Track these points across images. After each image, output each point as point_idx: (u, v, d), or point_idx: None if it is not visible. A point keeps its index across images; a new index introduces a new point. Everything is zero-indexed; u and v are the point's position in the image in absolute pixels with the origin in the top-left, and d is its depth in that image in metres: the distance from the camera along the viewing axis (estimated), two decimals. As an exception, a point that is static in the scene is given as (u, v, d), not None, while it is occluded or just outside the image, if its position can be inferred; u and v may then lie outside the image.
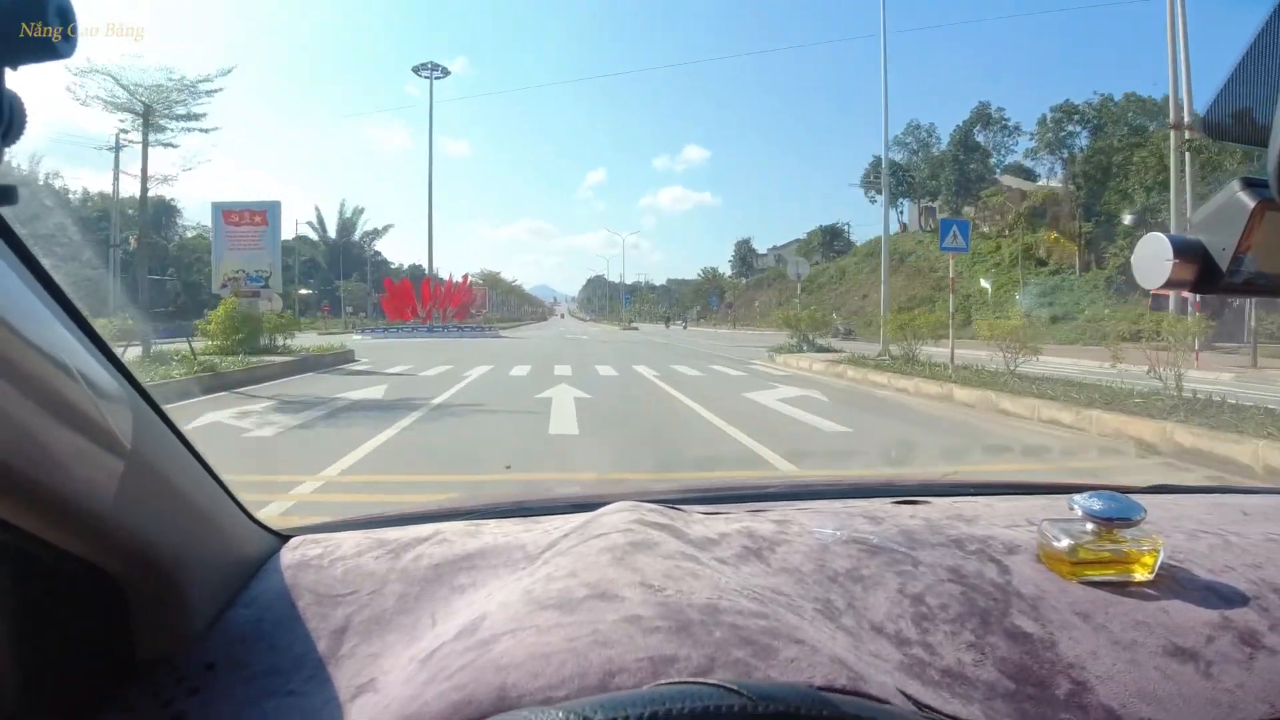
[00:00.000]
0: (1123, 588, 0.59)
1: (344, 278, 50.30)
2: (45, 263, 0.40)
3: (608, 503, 0.74)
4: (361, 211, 59.15)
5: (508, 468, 4.11)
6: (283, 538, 0.68)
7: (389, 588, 0.60)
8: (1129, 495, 0.66)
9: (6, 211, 0.35)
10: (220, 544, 0.58)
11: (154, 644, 0.51)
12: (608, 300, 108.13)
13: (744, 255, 67.53)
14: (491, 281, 58.69)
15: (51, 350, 0.36)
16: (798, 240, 59.72)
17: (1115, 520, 0.61)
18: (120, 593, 0.48)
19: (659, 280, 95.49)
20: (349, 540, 0.68)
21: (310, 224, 60.93)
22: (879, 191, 32.58)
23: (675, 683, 0.40)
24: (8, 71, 0.31)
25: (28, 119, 0.33)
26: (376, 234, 59.88)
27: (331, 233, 56.10)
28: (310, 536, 0.69)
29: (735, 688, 0.38)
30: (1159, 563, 0.60)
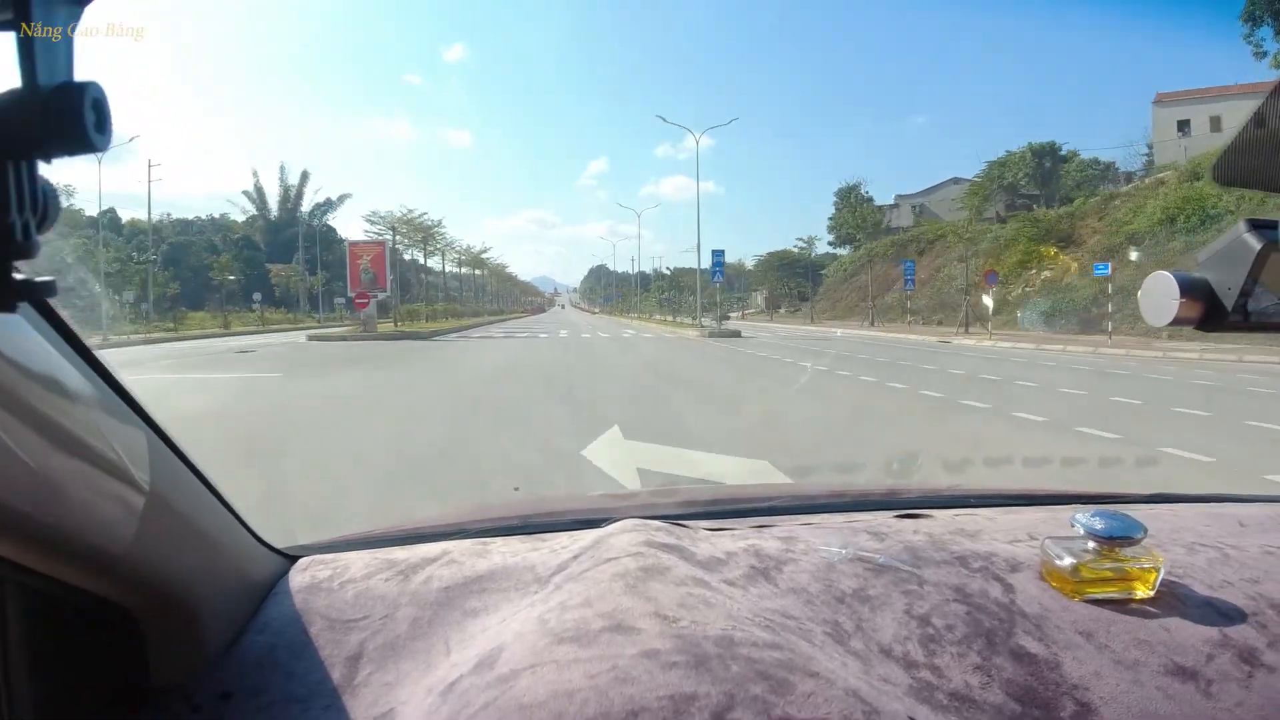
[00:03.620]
0: (1124, 605, 0.63)
1: (289, 261, 45.75)
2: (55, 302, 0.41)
3: (613, 518, 0.77)
4: (307, 178, 46.94)
5: (516, 489, 4.04)
6: (289, 558, 0.71)
7: (401, 612, 0.62)
8: (1128, 506, 0.72)
9: None
10: (231, 569, 0.60)
11: (168, 671, 0.52)
12: (614, 289, 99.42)
13: (853, 214, 54.27)
14: (474, 261, 46.02)
15: (56, 382, 0.38)
16: (953, 182, 45.52)
17: (1117, 539, 0.63)
18: (133, 621, 0.50)
19: (663, 270, 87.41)
20: (358, 561, 0.70)
21: (247, 194, 49.24)
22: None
23: None
24: (40, 163, 0.33)
25: (61, 209, 0.35)
26: (330, 206, 52.13)
27: (276, 208, 45.20)
28: (318, 557, 0.71)
29: None
30: (1159, 580, 0.63)
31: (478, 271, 57.35)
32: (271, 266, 45.96)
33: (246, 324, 29.95)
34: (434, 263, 42.33)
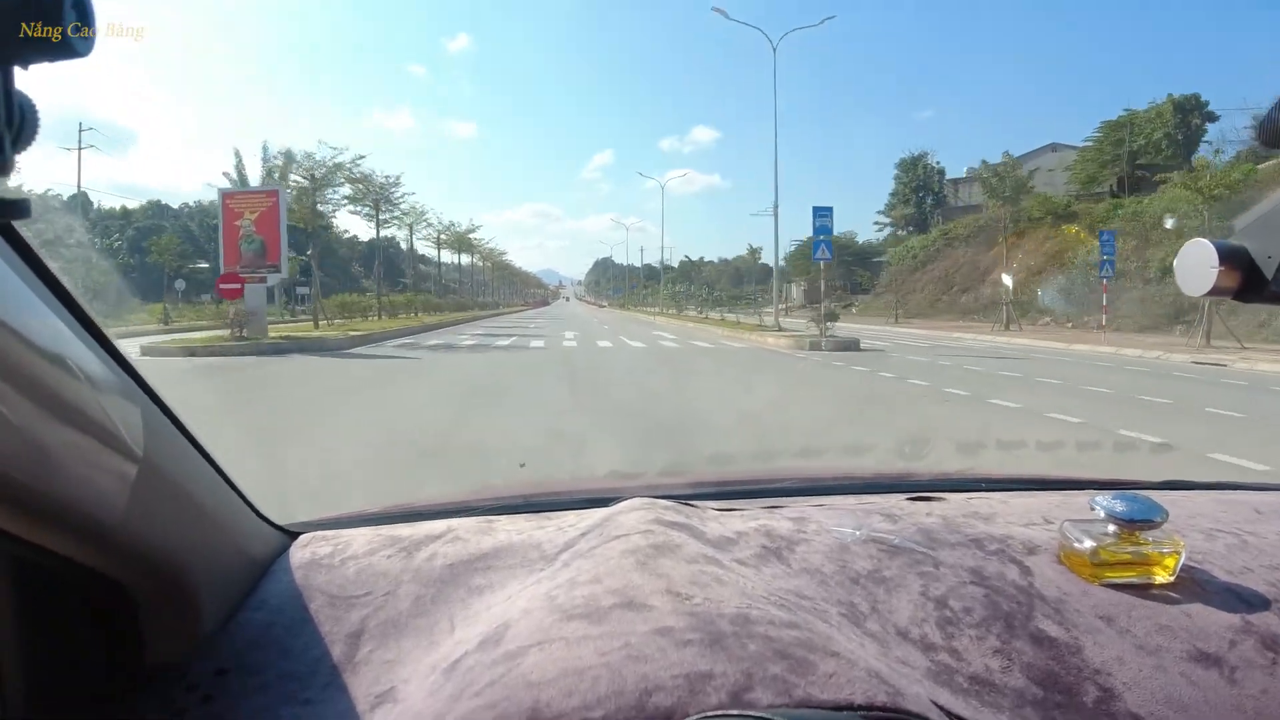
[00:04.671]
0: (1144, 590, 0.62)
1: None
2: (52, 265, 0.40)
3: (620, 498, 0.76)
4: (291, 159, 37.79)
5: (522, 465, 4.01)
6: (291, 535, 0.71)
7: (403, 589, 0.61)
8: (1143, 492, 0.70)
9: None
10: (229, 544, 0.59)
11: (163, 649, 0.52)
12: (624, 281, 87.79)
13: (925, 189, 46.46)
14: (462, 243, 37.51)
15: (55, 352, 0.37)
16: (1051, 149, 38.43)
17: (1137, 522, 0.63)
18: (127, 597, 0.49)
19: (672, 262, 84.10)
20: (360, 537, 0.69)
21: (227, 175, 40.33)
22: None
23: (723, 715, 0.42)
24: (17, 71, 0.30)
25: (40, 123, 0.32)
26: (318, 187, 39.31)
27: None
28: (320, 534, 0.71)
29: (801, 718, 0.41)
30: (1180, 565, 0.63)
31: (474, 259, 48.37)
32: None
33: (179, 318, 22.65)
34: (404, 240, 33.50)
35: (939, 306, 31.83)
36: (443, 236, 39.22)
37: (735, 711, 0.42)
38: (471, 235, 44.16)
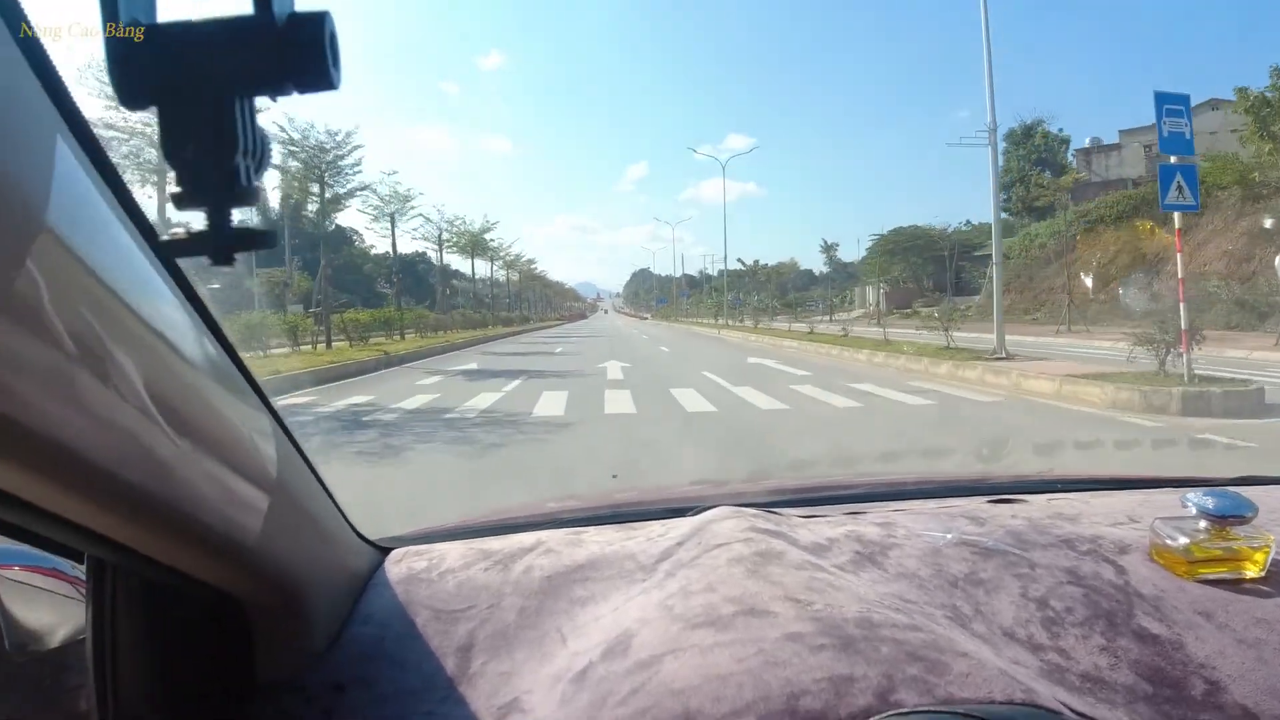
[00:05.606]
0: (1236, 585, 0.63)
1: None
2: (202, 289, 0.40)
3: (703, 507, 0.77)
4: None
5: (614, 477, 4.09)
6: (383, 550, 0.71)
7: (506, 601, 0.61)
8: (1219, 488, 0.71)
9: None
10: (335, 560, 0.61)
11: (277, 665, 0.53)
12: (664, 291, 79.81)
13: (1045, 163, 37.09)
14: (476, 246, 36.43)
15: (203, 375, 0.37)
16: (1210, 107, 29.68)
17: (1230, 517, 0.63)
18: (244, 614, 0.50)
19: (711, 270, 78.83)
20: (453, 552, 0.70)
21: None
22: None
23: (909, 712, 0.43)
24: (268, 101, 0.30)
25: (271, 152, 0.32)
26: (337, 202, 33.96)
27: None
28: (412, 549, 0.71)
29: (974, 713, 0.42)
30: (1270, 559, 0.64)
31: (493, 267, 41.04)
32: (265, 270, 34.93)
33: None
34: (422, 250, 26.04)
35: (1095, 308, 23.03)
36: (446, 236, 31.96)
37: (928, 708, 0.43)
38: (488, 236, 36.62)
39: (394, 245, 24.44)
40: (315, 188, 18.13)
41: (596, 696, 0.46)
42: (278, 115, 17.62)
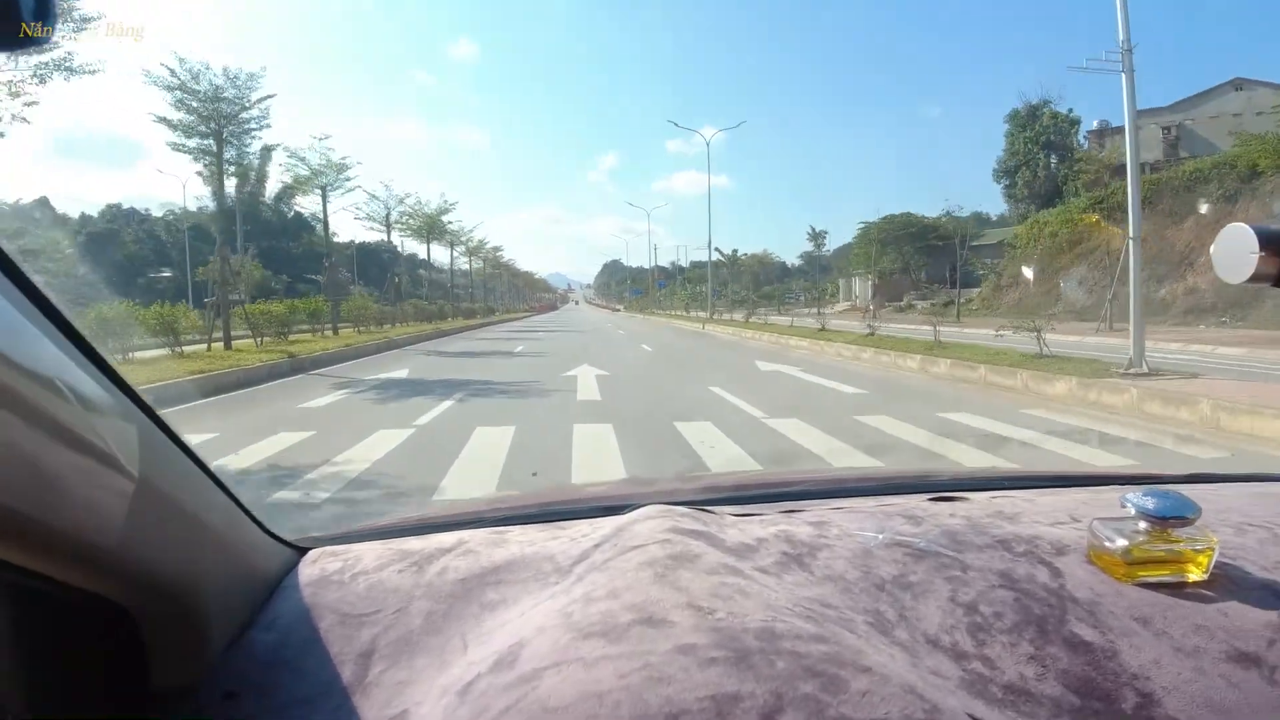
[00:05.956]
0: (1178, 589, 0.60)
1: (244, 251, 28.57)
2: (38, 279, 0.39)
3: (635, 505, 0.74)
4: (269, 154, 25.30)
5: (534, 474, 3.91)
6: (300, 550, 0.69)
7: (415, 605, 0.59)
8: (1168, 486, 0.68)
9: None
10: (235, 562, 0.59)
11: (170, 672, 0.50)
12: (639, 282, 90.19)
13: (1052, 147, 34.21)
14: (432, 229, 31.49)
15: (45, 372, 0.36)
16: (1234, 87, 29.18)
17: (1170, 519, 0.60)
18: (132, 620, 0.48)
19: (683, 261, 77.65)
20: (370, 552, 0.67)
21: (200, 175, 30.84)
22: None
23: None
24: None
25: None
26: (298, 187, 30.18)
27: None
28: (329, 549, 0.69)
29: None
30: (1213, 562, 0.61)
31: (453, 251, 37.66)
32: (213, 259, 29.78)
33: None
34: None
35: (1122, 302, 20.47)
36: (399, 219, 28.21)
37: None
38: (447, 219, 32.85)
39: (325, 223, 21.08)
40: (215, 147, 14.37)
41: (474, 711, 0.44)
42: (167, 57, 14.36)
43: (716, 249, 49.40)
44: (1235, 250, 0.44)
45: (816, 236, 50.49)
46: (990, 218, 41.02)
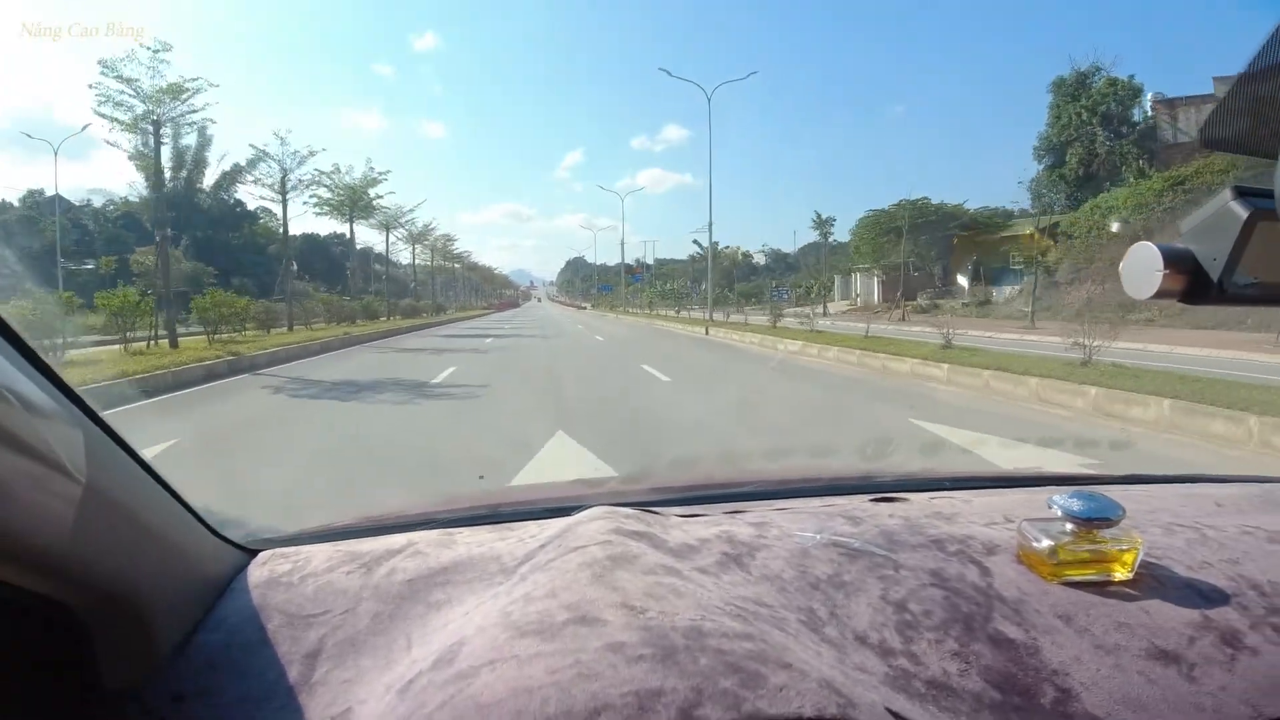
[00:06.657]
0: (1103, 588, 0.62)
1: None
2: None
3: (584, 506, 0.76)
4: (208, 138, 30.75)
5: (481, 478, 3.91)
6: (250, 552, 0.69)
7: (362, 606, 0.60)
8: (1103, 487, 0.71)
9: None
10: (183, 564, 0.59)
11: (117, 675, 0.50)
12: (607, 278, 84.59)
13: (1110, 120, 28.54)
14: (355, 203, 27.40)
15: None
16: None
17: (1095, 520, 0.62)
18: (77, 622, 0.48)
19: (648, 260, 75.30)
20: (319, 554, 0.68)
21: (134, 161, 24.44)
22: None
23: None
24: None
25: None
26: (240, 174, 32.89)
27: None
28: (279, 550, 0.70)
29: None
30: (1138, 561, 0.63)
31: (380, 231, 31.40)
32: (141, 250, 29.67)
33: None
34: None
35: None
36: (327, 194, 21.87)
37: None
38: (374, 193, 26.24)
39: (285, 227, 15.01)
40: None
41: (411, 708, 0.45)
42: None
43: (694, 240, 43.74)
44: (1141, 269, 0.45)
45: (822, 223, 44.38)
46: (1012, 211, 35.89)
